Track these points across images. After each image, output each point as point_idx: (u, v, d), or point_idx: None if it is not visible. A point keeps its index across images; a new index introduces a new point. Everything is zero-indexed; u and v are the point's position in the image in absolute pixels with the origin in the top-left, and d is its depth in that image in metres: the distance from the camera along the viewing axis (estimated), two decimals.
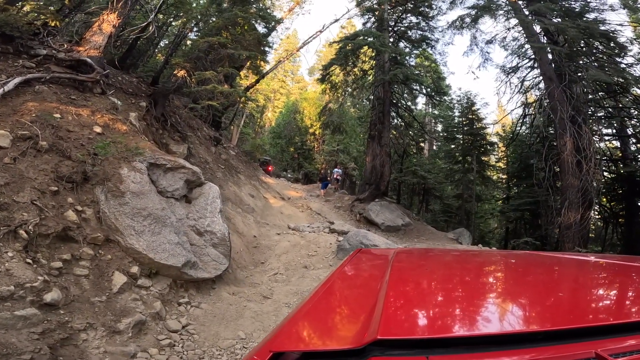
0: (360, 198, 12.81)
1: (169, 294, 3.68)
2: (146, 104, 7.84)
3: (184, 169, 4.49)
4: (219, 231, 4.45)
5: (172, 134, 8.75)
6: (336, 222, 10.36)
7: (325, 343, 0.69)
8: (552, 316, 0.72)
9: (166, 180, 4.34)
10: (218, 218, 4.54)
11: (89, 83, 5.14)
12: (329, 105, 16.15)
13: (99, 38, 6.56)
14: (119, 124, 4.51)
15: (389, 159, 13.30)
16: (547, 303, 0.82)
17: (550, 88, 13.44)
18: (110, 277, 3.17)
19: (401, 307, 0.79)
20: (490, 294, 0.94)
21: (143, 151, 4.26)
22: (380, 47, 13.52)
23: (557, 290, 0.93)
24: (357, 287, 1.13)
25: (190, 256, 3.86)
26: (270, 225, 9.15)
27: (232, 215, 8.01)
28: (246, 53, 9.26)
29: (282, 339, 0.69)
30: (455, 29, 17.59)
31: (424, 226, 12.66)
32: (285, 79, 38.79)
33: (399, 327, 0.68)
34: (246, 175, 13.46)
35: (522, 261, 1.42)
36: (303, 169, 29.48)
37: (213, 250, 4.42)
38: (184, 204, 4.54)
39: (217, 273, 4.35)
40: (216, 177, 10.05)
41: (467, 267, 1.34)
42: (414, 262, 1.45)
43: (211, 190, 4.71)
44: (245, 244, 6.82)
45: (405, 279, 1.09)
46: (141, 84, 9.66)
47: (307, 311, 0.84)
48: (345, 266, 1.25)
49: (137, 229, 3.37)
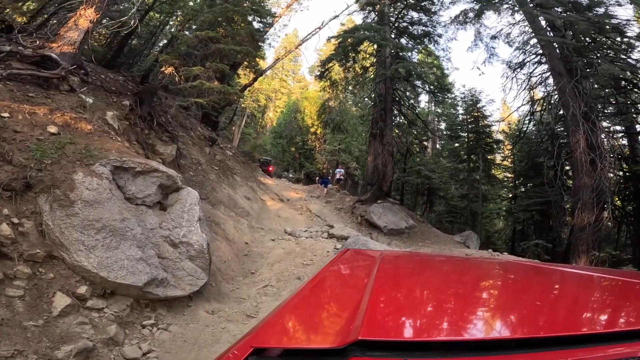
0: (362, 199, 12.25)
1: (129, 316, 3.17)
2: (130, 103, 7.36)
3: (157, 172, 3.98)
4: (197, 242, 3.93)
5: (160, 134, 8.26)
6: (336, 225, 9.82)
7: (308, 340, 0.68)
8: (528, 324, 0.74)
9: (136, 186, 3.83)
10: (196, 227, 4.02)
11: (55, 80, 4.66)
12: (329, 103, 15.58)
13: (74, 34, 6.09)
14: (83, 124, 4.01)
15: (392, 158, 12.72)
16: (526, 311, 0.83)
17: (561, 83, 12.80)
18: (50, 298, 2.67)
19: (384, 309, 0.80)
20: (472, 301, 0.94)
21: (107, 153, 3.75)
22: (381, 41, 12.96)
23: (535, 298, 0.95)
24: (342, 286, 1.13)
25: (158, 272, 3.35)
26: (266, 230, 8.63)
27: (224, 220, 7.51)
28: (238, 47, 8.77)
29: (264, 335, 0.68)
30: (458, 24, 17.01)
31: (428, 228, 12.07)
32: (286, 79, 38.38)
33: (381, 328, 0.68)
34: (243, 177, 12.96)
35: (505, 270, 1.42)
36: (304, 169, 28.99)
37: (189, 263, 3.91)
38: (158, 212, 4.03)
39: (193, 289, 3.83)
40: (209, 179, 9.57)
41: (451, 273, 1.35)
42: (400, 265, 1.46)
43: (189, 196, 4.19)
44: (235, 252, 6.30)
45: (391, 282, 1.10)
46: (128, 82, 9.19)
47: (291, 308, 0.85)
48: (332, 265, 1.25)
49: (87, 244, 2.87)
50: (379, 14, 15.50)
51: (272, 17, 13.02)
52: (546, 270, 1.43)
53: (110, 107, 6.41)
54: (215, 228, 6.50)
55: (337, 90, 15.16)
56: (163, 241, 3.83)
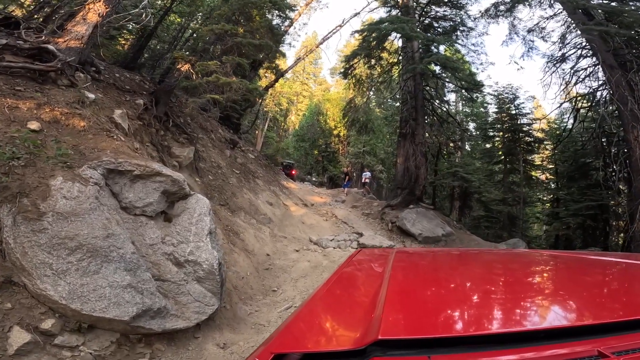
0: (392, 204, 11.27)
1: (116, 354, 2.47)
2: (144, 102, 6.90)
3: (160, 176, 3.32)
4: (206, 261, 3.22)
5: (177, 135, 7.77)
6: (365, 233, 8.93)
7: (327, 344, 0.68)
8: (553, 314, 0.72)
9: (134, 193, 3.18)
10: (205, 242, 3.31)
11: (52, 74, 4.16)
12: (354, 100, 14.71)
13: (82, 28, 5.66)
14: (76, 120, 3.43)
15: (425, 159, 11.64)
16: (548, 301, 0.82)
17: (615, 77, 11.32)
18: (6, 333, 2.03)
19: (402, 307, 0.79)
20: (490, 293, 0.92)
21: (101, 153, 3.13)
22: (411, 32, 11.97)
23: (558, 288, 0.93)
24: (357, 287, 1.12)
25: (154, 301, 2.64)
26: (289, 239, 7.89)
27: (243, 228, 6.84)
28: (257, 41, 8.15)
29: (283, 340, 0.69)
30: (489, 17, 15.78)
31: (467, 236, 10.89)
32: (308, 82, 38.05)
33: (400, 327, 0.68)
34: (265, 181, 12.35)
35: (523, 260, 1.39)
36: (328, 172, 28.21)
37: (197, 286, 3.20)
38: (162, 224, 3.36)
39: (201, 318, 3.11)
40: (229, 183, 8.98)
41: (467, 267, 1.35)
42: (413, 262, 1.45)
43: (198, 205, 3.50)
44: (255, 265, 5.58)
45: (406, 279, 1.10)
46: (145, 82, 8.83)
47: (308, 312, 0.85)
48: (345, 267, 1.25)
49: (55, 268, 2.21)
50: (402, 8, 14.54)
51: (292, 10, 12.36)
52: (566, 258, 1.41)
53: (121, 105, 5.92)
54: (234, 238, 5.82)
55: (362, 88, 14.27)
56: (165, 259, 3.14)
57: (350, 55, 13.08)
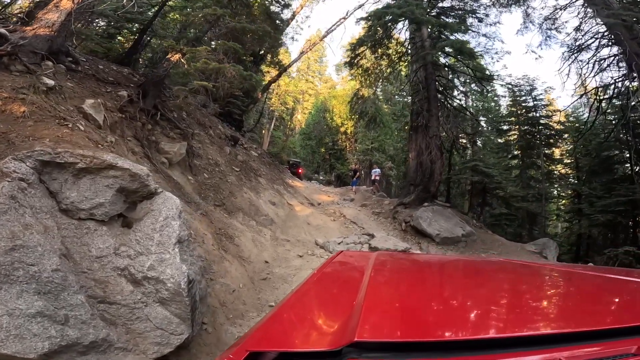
0: (405, 202, 10.41)
1: None
2: (129, 94, 6.24)
3: (115, 169, 2.59)
4: (171, 278, 2.48)
5: (168, 130, 7.10)
6: (377, 234, 8.13)
7: (303, 343, 0.68)
8: (523, 322, 0.74)
9: (78, 191, 2.46)
10: (173, 254, 2.57)
11: (4, 59, 3.52)
12: (361, 91, 13.86)
13: (54, 15, 5.08)
14: (16, 105, 2.76)
15: (441, 153, 10.72)
16: (522, 309, 0.84)
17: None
18: None
19: (379, 310, 0.79)
20: (466, 300, 0.93)
21: (36, 142, 2.42)
22: (421, 17, 11.10)
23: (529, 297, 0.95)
24: (337, 288, 1.12)
25: (83, 333, 1.91)
26: (292, 243, 7.14)
27: (240, 231, 6.11)
28: (254, 27, 7.43)
29: (259, 339, 0.69)
30: (501, 6, 14.82)
31: (489, 235, 9.95)
32: (313, 80, 37.45)
33: (377, 329, 0.68)
34: (268, 179, 11.63)
35: (499, 269, 1.42)
36: (335, 170, 27.41)
37: (160, 309, 2.46)
38: (118, 230, 2.63)
39: (163, 352, 2.36)
40: (227, 181, 8.28)
41: (446, 273, 1.37)
42: (394, 265, 1.46)
43: (165, 206, 2.76)
44: (250, 275, 4.84)
45: (385, 282, 1.11)
46: (135, 75, 8.19)
47: (286, 310, 0.85)
48: (326, 267, 1.25)
49: None
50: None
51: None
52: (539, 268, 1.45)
53: (98, 96, 5.26)
54: (226, 243, 5.08)
55: (369, 79, 13.42)
56: (117, 276, 2.42)
57: (356, 43, 12.28)
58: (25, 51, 4.35)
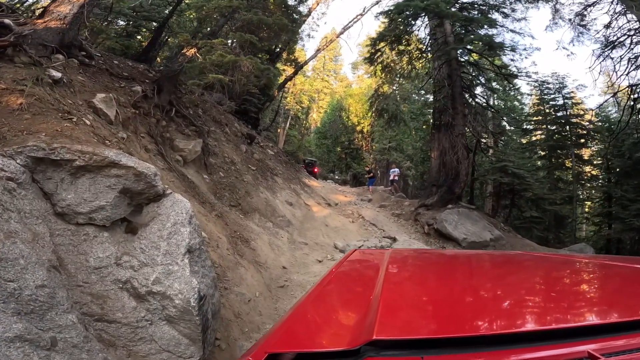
0: (427, 204, 9.87)
1: None
2: (143, 89, 6.03)
3: (117, 167, 2.28)
4: (179, 293, 2.15)
5: (183, 127, 6.87)
6: (399, 237, 7.67)
7: (321, 343, 0.68)
8: (544, 316, 0.72)
9: (76, 192, 2.16)
10: (182, 265, 2.24)
11: (9, 50, 3.31)
12: (381, 88, 13.35)
13: (66, 8, 4.91)
14: (13, 97, 2.50)
15: (467, 153, 10.11)
16: (540, 303, 0.81)
17: None
18: None
19: (396, 308, 0.78)
20: (484, 295, 0.91)
21: (30, 136, 2.14)
22: (446, 10, 10.53)
23: (550, 290, 0.92)
24: (352, 287, 1.10)
25: (74, 358, 1.62)
26: (310, 246, 6.78)
27: (256, 234, 5.80)
28: (270, 19, 7.11)
29: (277, 340, 0.68)
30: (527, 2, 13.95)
31: (519, 240, 9.31)
32: (329, 79, 37.10)
33: (394, 327, 0.67)
34: (285, 178, 11.33)
35: (516, 262, 1.38)
36: (351, 169, 26.91)
37: (167, 328, 2.14)
38: (121, 237, 2.32)
39: None
40: (243, 180, 8.00)
41: (461, 268, 1.33)
42: (408, 262, 1.44)
43: (173, 210, 2.44)
44: (267, 282, 4.50)
45: (400, 280, 1.10)
46: (150, 71, 8.02)
47: (303, 312, 0.84)
48: (340, 266, 1.22)
49: None
50: None
51: None
52: (557, 260, 1.39)
53: (111, 91, 5.05)
54: (242, 247, 4.77)
55: (390, 75, 12.90)
56: (118, 290, 2.10)
57: (376, 37, 11.79)
58: (34, 44, 4.16)
